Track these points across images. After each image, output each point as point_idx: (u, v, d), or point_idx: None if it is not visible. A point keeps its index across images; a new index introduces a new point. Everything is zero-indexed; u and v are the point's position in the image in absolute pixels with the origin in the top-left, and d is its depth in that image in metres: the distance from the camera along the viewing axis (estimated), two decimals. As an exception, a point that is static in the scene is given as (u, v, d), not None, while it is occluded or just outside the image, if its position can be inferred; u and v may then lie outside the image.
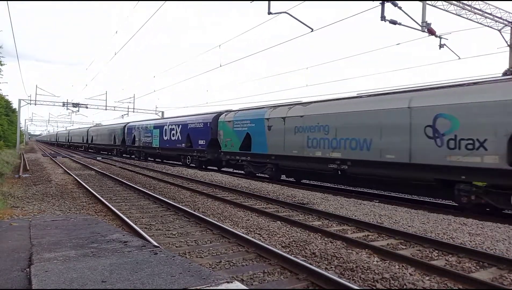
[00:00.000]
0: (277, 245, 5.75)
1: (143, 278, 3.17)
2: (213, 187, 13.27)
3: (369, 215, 8.35)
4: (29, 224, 5.60)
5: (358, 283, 4.28)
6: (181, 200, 10.10)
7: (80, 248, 4.20)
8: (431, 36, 13.63)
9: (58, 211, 8.13)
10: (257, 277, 4.36)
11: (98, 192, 10.96)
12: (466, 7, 14.66)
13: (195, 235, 6.38)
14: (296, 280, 4.31)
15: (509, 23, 15.85)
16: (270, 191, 12.02)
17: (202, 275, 3.28)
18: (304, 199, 10.60)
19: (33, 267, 3.44)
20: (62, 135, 76.28)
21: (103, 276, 3.20)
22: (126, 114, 46.67)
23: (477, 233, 6.86)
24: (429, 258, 5.40)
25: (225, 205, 9.53)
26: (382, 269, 4.68)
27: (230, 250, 5.53)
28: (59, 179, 14.62)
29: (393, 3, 12.07)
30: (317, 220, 7.97)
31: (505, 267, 4.96)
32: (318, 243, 5.89)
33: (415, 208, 9.65)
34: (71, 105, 43.81)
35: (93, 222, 5.92)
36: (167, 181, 14.73)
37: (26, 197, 9.95)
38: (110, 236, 4.82)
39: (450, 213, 8.92)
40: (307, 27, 12.84)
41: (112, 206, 8.39)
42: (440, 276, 4.51)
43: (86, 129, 51.81)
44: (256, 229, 6.87)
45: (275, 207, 9.51)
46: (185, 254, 5.18)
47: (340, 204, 9.82)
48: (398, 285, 4.20)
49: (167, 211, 8.55)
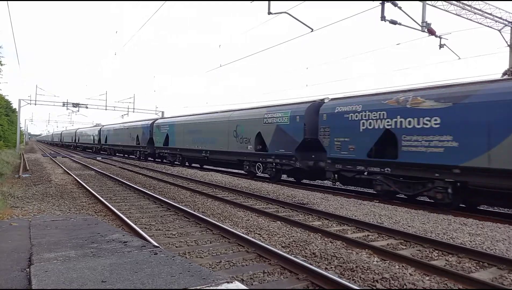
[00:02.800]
0: (277, 245, 5.75)
1: (143, 278, 3.17)
2: (213, 187, 13.26)
3: (369, 215, 8.35)
4: (29, 224, 5.60)
5: (358, 283, 4.28)
6: (181, 200, 10.09)
7: (80, 248, 4.19)
8: (431, 36, 13.64)
9: (58, 211, 8.12)
10: (257, 277, 4.36)
11: (98, 192, 10.95)
12: (466, 7, 14.67)
13: (195, 235, 6.38)
14: (296, 280, 4.31)
15: (509, 23, 15.85)
16: (270, 191, 12.02)
17: (202, 275, 3.28)
18: (304, 199, 10.60)
19: (33, 267, 3.43)
20: (68, 135, 69.77)
21: (103, 276, 3.20)
22: (126, 114, 46.71)
23: (477, 233, 6.86)
24: (429, 258, 5.40)
25: (225, 205, 9.53)
26: (382, 269, 4.67)
27: (230, 250, 5.53)
28: (59, 179, 14.61)
29: (393, 3, 12.07)
30: (317, 220, 7.97)
31: (505, 267, 4.96)
32: (318, 243, 5.89)
33: (415, 208, 9.65)
34: (71, 105, 43.79)
35: (93, 222, 5.92)
36: (167, 181, 14.73)
37: (26, 197, 9.94)
38: (110, 236, 4.81)
39: (450, 213, 8.92)
40: (307, 27, 12.84)
41: (112, 206, 8.38)
42: (440, 276, 4.51)
43: (98, 128, 45.85)
44: (256, 229, 6.87)
45: (275, 207, 9.51)
46: (185, 254, 5.17)
47: (340, 204, 9.82)
48: (398, 285, 4.20)
49: (167, 211, 8.54)
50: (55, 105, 43.63)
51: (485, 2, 14.94)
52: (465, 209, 9.96)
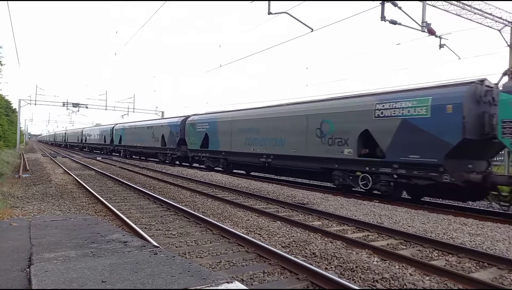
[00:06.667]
0: (277, 245, 5.75)
1: (143, 278, 3.17)
2: (213, 187, 13.26)
3: (369, 215, 8.35)
4: (29, 224, 5.60)
5: (358, 283, 4.28)
6: (181, 200, 10.09)
7: (80, 248, 4.19)
8: (431, 36, 13.64)
9: (58, 211, 8.12)
10: (257, 277, 4.35)
11: (98, 192, 10.95)
12: (466, 7, 14.67)
13: (195, 235, 6.38)
14: (296, 280, 4.31)
15: (509, 23, 15.85)
16: (270, 191, 12.02)
17: (202, 275, 3.28)
18: (304, 199, 10.60)
19: (33, 267, 3.43)
20: (73, 135, 63.41)
21: (103, 276, 3.20)
22: (126, 114, 46.76)
23: (477, 233, 6.86)
24: (429, 258, 5.40)
25: (225, 205, 9.53)
26: (382, 269, 4.67)
27: (230, 250, 5.53)
28: (59, 179, 14.61)
29: (393, 3, 12.08)
30: (317, 220, 7.97)
31: (505, 267, 4.96)
32: (318, 243, 5.89)
33: (415, 208, 9.65)
34: (71, 105, 43.83)
35: (93, 222, 5.92)
36: (167, 181, 14.73)
37: (26, 197, 9.94)
38: (110, 236, 4.81)
39: (450, 213, 8.92)
40: (307, 27, 12.84)
41: (112, 206, 8.38)
42: (440, 276, 4.51)
43: (110, 127, 40.80)
44: (256, 229, 6.87)
45: (275, 207, 9.51)
46: (185, 254, 5.17)
47: (340, 204, 9.82)
48: (398, 285, 4.20)
49: (167, 211, 8.54)
50: (55, 105, 43.72)
51: (485, 2, 14.94)
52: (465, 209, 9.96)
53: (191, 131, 22.59)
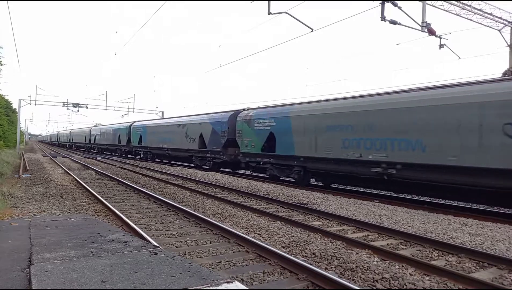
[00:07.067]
0: (277, 245, 5.75)
1: (143, 278, 3.17)
2: (213, 187, 13.26)
3: (369, 215, 8.35)
4: (29, 224, 5.60)
5: (358, 283, 4.28)
6: (181, 200, 10.09)
7: (80, 248, 4.19)
8: (431, 36, 13.64)
9: (58, 211, 8.12)
10: (257, 277, 4.35)
11: (98, 192, 10.95)
12: (466, 7, 14.68)
13: (195, 235, 6.38)
14: (296, 280, 4.31)
15: (509, 23, 15.85)
16: (270, 191, 12.02)
17: (202, 275, 3.28)
18: (304, 199, 10.60)
19: (33, 267, 3.43)
20: (79, 134, 56.54)
21: (103, 276, 3.20)
22: (126, 114, 46.76)
23: (477, 233, 6.86)
24: (429, 258, 5.39)
25: (225, 205, 9.53)
26: (382, 269, 4.67)
27: (230, 250, 5.53)
28: (59, 179, 14.61)
29: (393, 3, 12.09)
30: (317, 220, 7.97)
31: (505, 267, 4.96)
32: (318, 243, 5.89)
33: (415, 208, 9.65)
34: (71, 105, 43.84)
35: (93, 222, 5.92)
36: (167, 181, 14.73)
37: (26, 197, 9.94)
38: (110, 236, 4.81)
39: (450, 213, 8.92)
40: (307, 27, 12.84)
41: (112, 206, 8.38)
42: (440, 276, 4.50)
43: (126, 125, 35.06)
44: (256, 229, 6.87)
45: (275, 207, 9.51)
46: (185, 254, 5.17)
47: (340, 204, 9.82)
48: (398, 285, 4.20)
49: (167, 211, 8.54)
50: (55, 105, 43.73)
51: (485, 2, 14.95)
52: (465, 209, 9.95)
53: (246, 130, 17.44)
